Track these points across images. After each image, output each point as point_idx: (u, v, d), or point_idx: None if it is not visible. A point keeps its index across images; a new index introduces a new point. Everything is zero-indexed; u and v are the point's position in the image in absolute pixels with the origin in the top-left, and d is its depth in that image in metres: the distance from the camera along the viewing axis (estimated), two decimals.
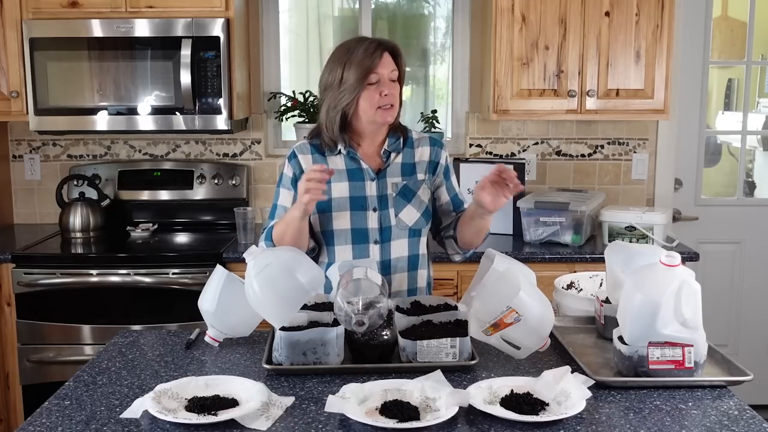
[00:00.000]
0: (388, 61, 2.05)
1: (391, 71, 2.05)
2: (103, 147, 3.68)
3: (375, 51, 2.03)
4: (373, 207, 2.10)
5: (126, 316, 3.03)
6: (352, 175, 2.11)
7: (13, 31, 3.21)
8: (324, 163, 2.11)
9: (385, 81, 2.04)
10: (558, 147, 3.68)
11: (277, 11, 3.72)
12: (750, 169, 4.08)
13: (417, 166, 2.17)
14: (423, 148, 2.20)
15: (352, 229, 2.10)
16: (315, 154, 2.13)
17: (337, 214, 2.09)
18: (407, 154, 2.17)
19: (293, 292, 1.73)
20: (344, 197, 2.10)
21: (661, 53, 3.25)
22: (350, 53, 2.04)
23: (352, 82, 2.02)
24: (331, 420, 1.49)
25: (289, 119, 3.67)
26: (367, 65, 2.02)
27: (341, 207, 2.09)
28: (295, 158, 2.14)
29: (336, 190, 2.09)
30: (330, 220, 2.10)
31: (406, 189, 2.13)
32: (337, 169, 2.10)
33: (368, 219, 2.10)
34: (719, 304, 3.82)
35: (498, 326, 1.66)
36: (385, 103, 2.04)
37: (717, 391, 1.64)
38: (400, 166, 2.15)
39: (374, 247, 2.10)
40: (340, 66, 2.04)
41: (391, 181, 2.12)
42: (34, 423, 1.50)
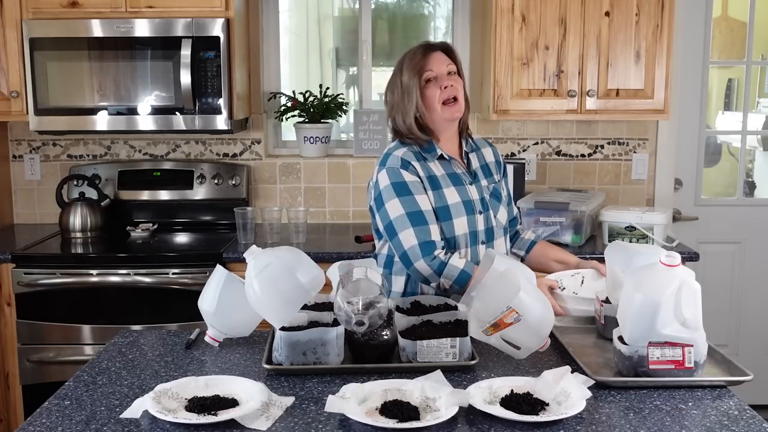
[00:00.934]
0: (439, 57, 2.13)
1: (446, 65, 2.13)
2: (103, 147, 3.68)
3: (423, 52, 2.12)
4: (479, 210, 2.17)
5: (126, 316, 3.03)
6: (453, 179, 2.16)
7: (13, 31, 3.21)
8: (427, 168, 2.14)
9: (442, 76, 2.11)
10: (558, 147, 3.68)
11: (277, 11, 3.72)
12: (750, 169, 4.08)
13: (490, 167, 2.29)
14: (485, 150, 2.32)
15: (469, 232, 2.15)
16: (420, 161, 2.15)
17: (458, 220, 2.13)
18: (479, 156, 2.28)
19: (293, 292, 1.73)
20: (458, 202, 2.13)
21: (661, 53, 3.25)
22: (402, 62, 2.15)
23: (409, 85, 2.10)
24: (331, 420, 1.49)
25: (289, 119, 3.67)
26: (417, 65, 2.10)
27: (459, 212, 2.13)
28: (411, 165, 2.12)
29: (449, 196, 2.13)
30: (451, 227, 2.12)
31: (495, 190, 2.24)
32: (438, 174, 2.15)
33: (477, 222, 2.16)
34: (719, 304, 3.83)
35: (498, 326, 1.66)
36: (448, 96, 2.10)
37: (717, 391, 1.64)
38: (481, 169, 2.26)
39: (481, 247, 2.16)
40: (398, 75, 2.14)
41: (483, 184, 2.21)
42: (34, 423, 1.50)
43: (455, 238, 2.12)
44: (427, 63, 2.10)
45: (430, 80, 2.10)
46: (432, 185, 2.12)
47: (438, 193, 2.12)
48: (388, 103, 2.20)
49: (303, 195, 3.68)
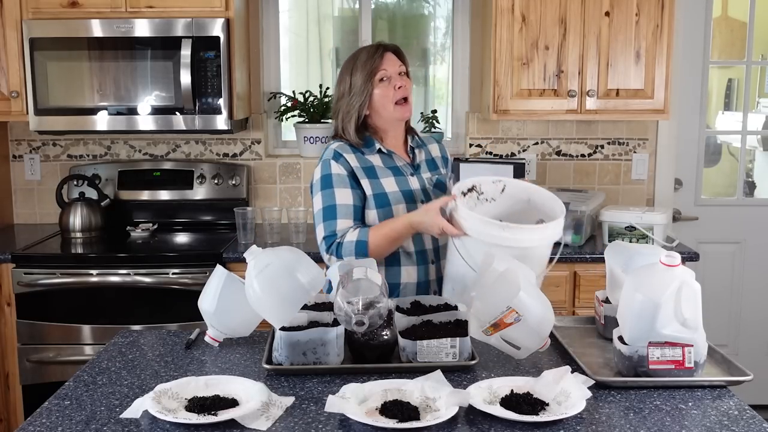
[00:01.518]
0: (392, 58, 2.18)
1: (398, 66, 2.18)
2: (103, 147, 3.68)
3: (377, 51, 2.17)
4: (420, 200, 2.21)
5: (126, 316, 3.03)
6: (393, 170, 2.21)
7: (13, 31, 3.21)
8: (364, 160, 2.18)
9: (394, 76, 2.17)
10: (558, 147, 3.68)
11: (277, 11, 3.72)
12: (750, 169, 4.08)
13: (436, 161, 2.35)
14: (432, 145, 2.38)
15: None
16: (357, 153, 2.19)
17: (396, 207, 2.17)
18: (425, 151, 2.35)
19: (293, 292, 1.73)
20: (397, 191, 2.18)
21: (661, 53, 3.25)
22: (354, 60, 2.19)
23: (361, 83, 2.15)
24: (331, 420, 1.49)
25: (289, 119, 3.67)
26: (371, 65, 2.15)
27: (398, 200, 2.17)
28: (341, 157, 2.16)
29: (387, 185, 2.17)
30: (390, 214, 2.15)
31: (439, 182, 2.28)
32: (377, 166, 2.19)
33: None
34: (719, 304, 3.82)
35: (498, 326, 1.66)
36: (400, 96, 2.16)
37: (717, 391, 1.64)
38: (426, 162, 2.31)
39: (427, 237, 2.19)
40: (348, 74, 2.18)
41: (425, 176, 2.26)
42: (34, 423, 1.50)
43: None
44: (382, 63, 2.15)
45: (383, 80, 2.16)
46: (368, 174, 2.17)
47: (375, 182, 2.16)
48: (333, 101, 2.26)
49: (303, 195, 3.68)
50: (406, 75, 2.22)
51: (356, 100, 2.15)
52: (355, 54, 2.22)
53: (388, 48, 2.20)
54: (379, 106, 2.17)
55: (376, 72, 2.14)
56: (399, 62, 2.20)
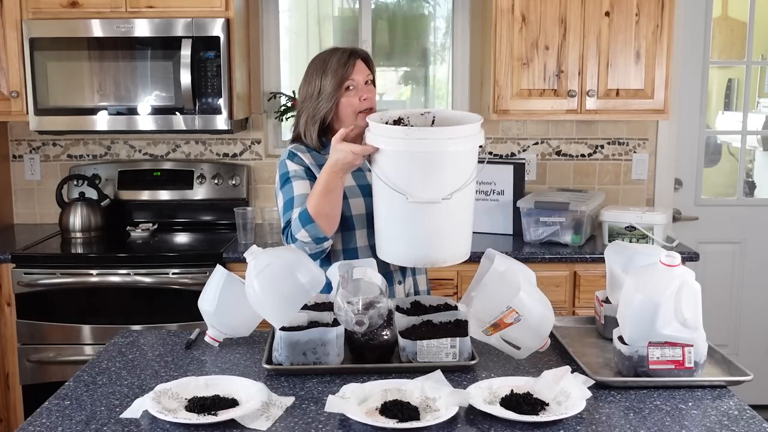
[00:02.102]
0: (361, 67, 2.17)
1: (366, 76, 2.17)
2: (103, 147, 3.68)
3: (348, 59, 2.15)
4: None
5: (126, 316, 3.03)
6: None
7: (13, 31, 3.21)
8: (319, 158, 2.17)
9: (361, 86, 2.15)
10: (558, 147, 3.68)
11: (277, 11, 3.73)
12: (750, 169, 4.08)
13: None
14: None
15: (367, 213, 2.15)
16: (312, 152, 2.19)
17: (353, 200, 2.15)
18: None
19: (293, 292, 1.73)
20: (353, 185, 2.17)
21: (661, 53, 3.25)
22: (325, 64, 2.16)
23: (330, 90, 2.13)
24: (331, 420, 1.49)
25: (289, 119, 3.67)
26: (342, 73, 2.13)
27: (354, 194, 2.16)
28: (296, 156, 2.18)
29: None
30: (348, 207, 2.14)
31: None
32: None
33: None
34: (719, 304, 3.82)
35: (498, 326, 1.66)
36: (365, 107, 2.14)
37: (717, 391, 1.64)
38: None
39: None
40: (317, 77, 2.16)
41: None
42: (34, 423, 1.50)
43: (351, 218, 2.15)
44: (351, 72, 2.14)
45: (350, 88, 2.14)
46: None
47: None
48: (299, 99, 2.22)
49: None
50: (372, 82, 2.21)
51: (324, 105, 2.14)
52: (326, 57, 2.18)
53: (359, 55, 2.18)
54: (343, 115, 2.15)
55: (345, 80, 2.13)
56: (367, 70, 2.18)
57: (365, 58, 2.20)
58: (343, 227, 2.16)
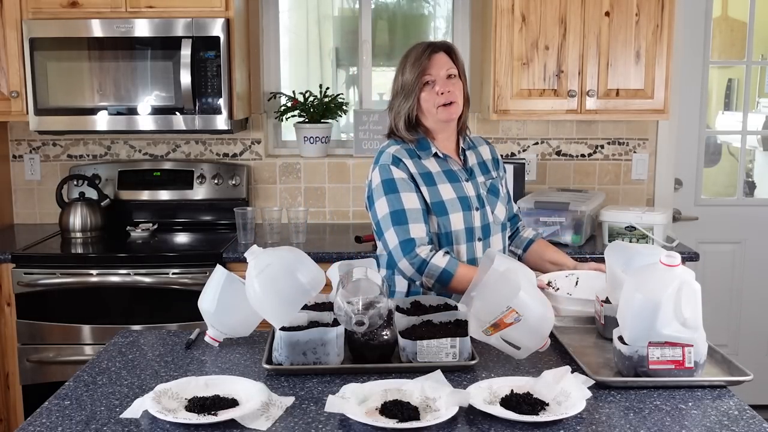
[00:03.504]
0: (441, 60, 2.14)
1: (446, 69, 2.13)
2: (103, 147, 3.68)
3: (424, 52, 2.13)
4: (476, 206, 2.18)
5: (126, 316, 3.03)
6: (448, 176, 2.18)
7: (13, 31, 3.21)
8: (421, 165, 2.16)
9: (440, 80, 2.12)
10: (558, 147, 3.68)
11: (277, 11, 3.73)
12: (750, 169, 4.08)
13: (488, 164, 2.31)
14: (483, 147, 2.35)
15: (465, 228, 2.16)
16: (414, 158, 2.17)
17: (454, 215, 2.14)
18: (476, 153, 2.31)
19: (294, 292, 1.73)
20: (453, 198, 2.15)
21: (661, 53, 3.25)
22: (406, 59, 2.16)
23: (409, 85, 2.13)
24: (331, 420, 1.49)
25: (289, 119, 3.67)
26: (418, 67, 2.11)
27: (455, 208, 2.15)
28: (401, 162, 2.14)
29: (444, 192, 2.15)
30: (448, 222, 2.13)
31: (492, 186, 2.25)
32: (433, 171, 2.17)
33: (474, 218, 2.17)
34: (719, 304, 3.83)
35: (498, 326, 1.66)
36: (444, 101, 2.12)
37: (717, 391, 1.64)
38: (478, 165, 2.28)
39: (478, 244, 2.18)
40: (400, 72, 2.17)
41: (479, 181, 2.23)
42: (34, 423, 1.50)
43: (452, 233, 2.14)
44: (429, 66, 2.12)
45: (429, 83, 2.13)
46: (426, 181, 2.14)
47: (433, 189, 2.14)
48: (391, 98, 2.24)
49: (303, 195, 3.68)
50: (459, 75, 2.16)
51: (405, 101, 2.14)
52: (408, 51, 2.18)
53: (436, 48, 2.14)
54: (425, 110, 2.15)
55: (422, 75, 2.11)
56: (448, 63, 2.14)
57: (448, 50, 2.16)
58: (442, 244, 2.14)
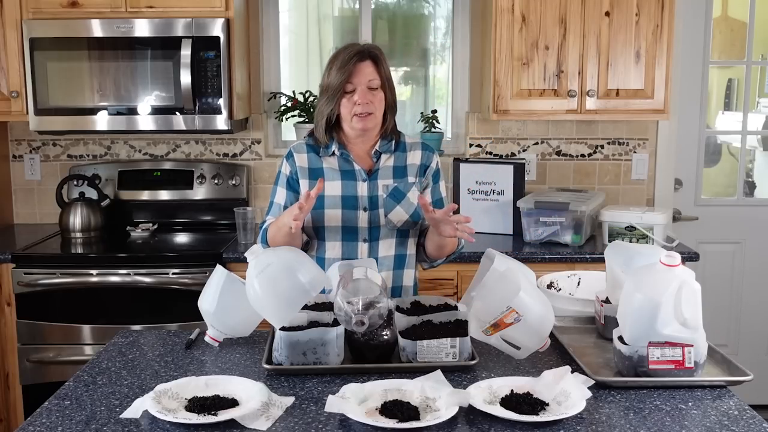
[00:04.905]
0: (364, 70, 2.11)
1: (368, 80, 2.10)
2: (103, 147, 3.68)
3: (350, 61, 2.10)
4: (364, 207, 2.17)
5: (126, 316, 3.03)
6: (344, 174, 2.18)
7: (13, 31, 3.21)
8: (319, 162, 2.19)
9: (361, 90, 2.10)
10: (558, 147, 3.68)
11: (277, 11, 3.72)
12: (750, 169, 4.08)
13: (408, 168, 2.23)
14: (415, 152, 2.25)
15: (343, 226, 2.16)
16: (311, 153, 2.20)
17: (329, 211, 2.15)
18: (399, 157, 2.23)
19: (294, 292, 1.73)
20: (336, 195, 2.16)
21: (661, 53, 3.25)
22: (333, 61, 2.14)
23: (332, 90, 2.12)
24: (331, 420, 1.49)
25: (289, 119, 3.67)
26: (341, 75, 2.10)
27: (333, 205, 2.15)
28: (291, 157, 2.21)
29: (329, 189, 2.15)
30: (322, 217, 2.15)
31: (396, 190, 2.18)
32: (330, 168, 2.18)
33: (358, 218, 2.16)
34: (719, 304, 3.82)
35: (498, 326, 1.66)
36: (360, 111, 2.10)
37: (717, 391, 1.64)
38: (392, 169, 2.21)
39: (362, 245, 2.17)
40: (327, 73, 2.15)
41: (382, 183, 2.19)
42: (34, 423, 1.50)
43: (324, 228, 2.16)
44: (352, 74, 2.09)
45: (349, 91, 2.11)
46: (311, 175, 2.17)
47: (314, 184, 2.11)
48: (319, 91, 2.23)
49: None
50: (381, 86, 2.13)
51: (327, 104, 2.14)
52: (337, 52, 2.16)
53: (363, 56, 2.11)
54: (343, 116, 2.14)
55: (345, 83, 2.09)
56: (372, 74, 2.11)
57: (374, 58, 2.13)
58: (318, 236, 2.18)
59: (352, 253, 2.16)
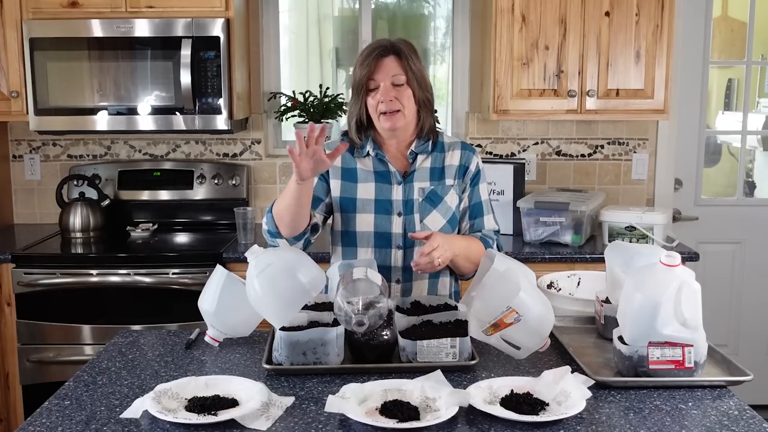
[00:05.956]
0: (387, 66, 2.01)
1: (392, 76, 2.00)
2: (103, 147, 3.68)
3: (369, 57, 2.01)
4: (398, 211, 2.07)
5: (126, 316, 3.03)
6: (379, 177, 2.09)
7: (13, 31, 3.21)
8: (353, 162, 2.11)
9: (384, 87, 2.00)
10: (558, 147, 3.68)
11: (277, 11, 3.72)
12: (750, 169, 4.08)
13: (446, 170, 2.12)
14: (453, 152, 2.13)
15: (375, 232, 2.07)
16: (345, 152, 2.10)
17: (361, 216, 2.07)
18: (437, 158, 2.12)
19: (294, 293, 1.73)
20: (369, 199, 2.07)
21: (661, 53, 3.25)
22: (358, 58, 2.06)
23: (357, 87, 2.04)
24: (331, 420, 1.49)
25: (289, 119, 3.66)
26: (363, 73, 2.01)
27: (365, 209, 2.07)
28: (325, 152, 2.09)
29: (362, 191, 2.08)
30: (353, 221, 2.07)
31: (433, 194, 2.09)
32: (365, 170, 2.09)
33: (392, 223, 2.07)
34: (719, 304, 3.82)
35: (498, 326, 1.66)
36: (386, 109, 2.01)
37: (717, 391, 1.64)
38: (429, 171, 2.10)
39: (397, 252, 2.08)
40: (353, 72, 2.07)
41: (418, 186, 2.09)
42: (34, 423, 1.50)
43: (355, 234, 2.08)
44: (374, 71, 2.00)
45: (372, 89, 2.02)
46: (343, 176, 2.09)
47: (347, 185, 2.08)
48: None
49: None
50: (408, 82, 2.02)
51: (355, 103, 2.06)
52: (363, 50, 2.08)
53: (385, 52, 2.01)
54: (371, 115, 2.05)
55: (367, 80, 2.01)
56: (396, 69, 2.00)
57: (397, 53, 2.02)
58: (345, 242, 2.09)
59: (385, 260, 2.06)
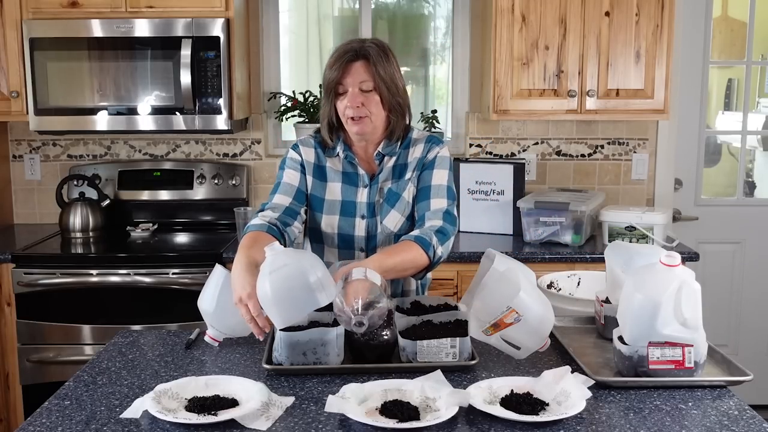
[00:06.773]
0: (355, 71, 1.95)
1: (360, 82, 1.95)
2: (103, 147, 3.68)
3: (339, 61, 1.96)
4: (361, 214, 2.08)
5: (126, 316, 3.03)
6: (346, 178, 2.10)
7: (13, 31, 3.21)
8: (321, 158, 2.11)
9: (352, 93, 1.95)
10: (558, 147, 3.68)
11: (277, 11, 3.73)
12: (750, 169, 4.08)
13: (408, 165, 2.10)
14: (417, 147, 2.10)
15: (339, 234, 2.09)
16: (317, 149, 2.11)
17: (327, 217, 2.09)
18: (402, 155, 2.10)
19: (304, 299, 1.69)
20: (336, 200, 2.09)
21: (661, 53, 3.25)
22: (330, 59, 2.00)
23: (327, 89, 2.01)
24: (331, 420, 1.49)
25: (289, 119, 3.67)
26: (331, 76, 1.97)
27: (332, 210, 2.09)
28: (298, 149, 2.12)
29: (329, 191, 2.09)
30: (320, 220, 2.10)
31: (390, 193, 2.08)
32: (334, 170, 2.11)
33: (356, 226, 2.09)
34: (719, 304, 3.83)
35: (498, 326, 1.66)
36: (354, 115, 1.97)
37: (717, 391, 1.64)
38: (392, 169, 2.09)
39: (360, 255, 2.09)
40: (325, 70, 2.02)
41: (379, 187, 2.09)
42: (34, 423, 1.50)
43: (321, 232, 2.10)
44: (342, 76, 1.95)
45: (341, 93, 1.98)
46: (315, 174, 2.09)
47: (319, 184, 2.08)
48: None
49: None
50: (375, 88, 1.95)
51: (326, 104, 2.03)
52: (334, 50, 2.01)
53: (355, 56, 1.95)
54: (340, 118, 2.02)
55: (336, 84, 1.96)
56: (364, 75, 1.94)
57: (366, 58, 1.95)
58: (313, 239, 2.13)
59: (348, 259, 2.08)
